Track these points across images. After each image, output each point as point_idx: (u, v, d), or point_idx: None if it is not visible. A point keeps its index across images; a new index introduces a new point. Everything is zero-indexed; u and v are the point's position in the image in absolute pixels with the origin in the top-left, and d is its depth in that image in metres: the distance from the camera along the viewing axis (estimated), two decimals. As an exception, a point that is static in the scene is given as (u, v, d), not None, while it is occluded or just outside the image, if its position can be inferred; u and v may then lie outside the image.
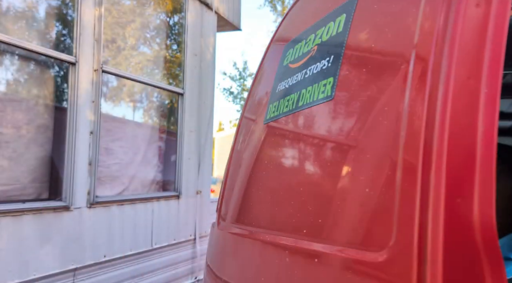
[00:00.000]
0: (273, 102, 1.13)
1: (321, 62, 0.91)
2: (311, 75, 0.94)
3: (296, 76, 1.03)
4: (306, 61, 1.00)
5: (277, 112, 1.07)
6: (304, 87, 0.95)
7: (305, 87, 0.95)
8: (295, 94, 1.00)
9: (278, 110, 1.06)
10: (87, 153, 2.97)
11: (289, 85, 1.05)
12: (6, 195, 2.58)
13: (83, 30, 2.97)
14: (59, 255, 2.73)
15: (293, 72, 1.06)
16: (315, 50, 0.97)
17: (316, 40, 0.98)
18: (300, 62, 1.04)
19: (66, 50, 2.97)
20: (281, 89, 1.10)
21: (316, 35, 0.98)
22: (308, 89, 0.93)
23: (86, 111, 2.98)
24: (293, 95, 1.01)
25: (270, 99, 1.16)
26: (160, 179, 3.98)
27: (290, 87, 1.04)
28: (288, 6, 16.16)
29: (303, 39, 1.07)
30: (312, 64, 0.95)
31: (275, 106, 1.10)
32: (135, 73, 3.80)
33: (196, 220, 4.15)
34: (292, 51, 1.12)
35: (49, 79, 2.96)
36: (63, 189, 2.83)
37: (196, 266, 4.16)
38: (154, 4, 4.00)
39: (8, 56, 2.74)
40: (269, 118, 1.13)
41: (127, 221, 3.32)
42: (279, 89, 1.11)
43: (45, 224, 2.65)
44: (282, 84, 1.10)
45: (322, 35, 0.95)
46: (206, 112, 4.39)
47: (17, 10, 2.75)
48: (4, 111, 2.63)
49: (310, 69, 0.95)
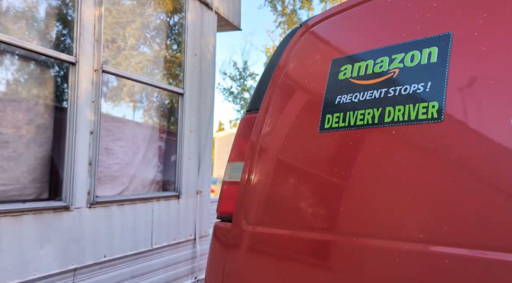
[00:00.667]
0: (332, 112, 1.21)
1: (412, 86, 1.05)
2: (399, 95, 1.07)
3: (370, 93, 1.13)
4: (384, 80, 1.12)
5: (345, 123, 1.16)
6: (390, 105, 1.08)
7: (391, 105, 1.07)
8: (374, 109, 1.11)
9: (346, 121, 1.16)
10: (87, 153, 2.97)
11: (358, 99, 1.16)
12: (6, 195, 2.58)
13: (83, 30, 2.97)
14: (59, 255, 2.73)
15: (362, 88, 1.16)
16: (396, 73, 1.10)
17: (395, 64, 1.11)
18: (374, 80, 1.14)
19: (66, 50, 2.97)
20: (344, 102, 1.19)
21: (393, 59, 1.12)
22: (399, 107, 1.05)
23: (86, 111, 2.97)
24: (370, 110, 1.11)
25: (326, 110, 1.23)
26: (160, 179, 3.98)
27: (362, 102, 1.14)
28: (288, 6, 16.14)
29: (370, 59, 1.17)
30: (397, 85, 1.08)
31: (338, 117, 1.19)
32: (135, 73, 3.80)
33: (196, 220, 4.15)
34: (351, 68, 1.21)
35: (49, 79, 2.96)
36: (63, 189, 2.83)
37: (196, 266, 4.16)
38: (154, 4, 4.00)
39: (8, 56, 2.74)
40: (331, 128, 1.20)
41: (127, 221, 3.32)
42: (341, 102, 1.20)
43: (45, 224, 2.65)
44: (345, 98, 1.19)
45: (404, 61, 1.09)
46: (206, 112, 4.39)
47: (17, 10, 2.75)
48: (4, 111, 2.63)
49: (394, 90, 1.08)
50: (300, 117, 1.34)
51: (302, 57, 1.44)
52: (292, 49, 1.48)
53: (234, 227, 1.48)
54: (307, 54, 1.43)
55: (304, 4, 15.79)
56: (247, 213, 1.44)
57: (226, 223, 1.57)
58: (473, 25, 1.02)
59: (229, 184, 1.65)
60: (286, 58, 1.49)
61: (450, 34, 1.04)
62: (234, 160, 1.66)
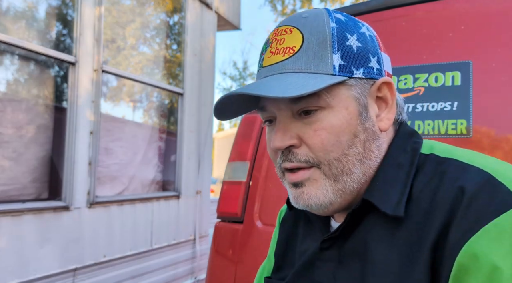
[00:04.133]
0: None
1: (439, 103, 1.22)
2: (427, 111, 1.23)
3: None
4: (411, 97, 1.27)
5: None
6: (419, 119, 1.24)
7: (421, 120, 1.23)
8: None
9: None
10: (87, 153, 2.97)
11: None
12: (6, 195, 2.58)
13: (83, 30, 2.96)
14: (59, 255, 2.73)
15: None
16: (422, 91, 1.26)
17: (420, 82, 1.27)
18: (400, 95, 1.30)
19: (66, 50, 2.97)
20: None
21: (417, 78, 1.28)
22: (428, 122, 1.22)
23: (86, 111, 2.97)
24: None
25: None
26: (160, 179, 3.98)
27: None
28: (288, 6, 16.16)
29: (393, 75, 1.32)
30: (424, 101, 1.24)
31: None
32: (135, 73, 3.80)
33: (196, 220, 4.15)
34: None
35: (49, 79, 2.96)
36: (63, 189, 2.83)
37: (196, 266, 4.16)
38: (154, 4, 4.00)
39: (8, 56, 2.74)
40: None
41: (127, 221, 3.32)
42: None
43: (45, 224, 2.65)
44: None
45: (429, 80, 1.26)
46: (206, 112, 4.39)
47: (17, 10, 2.75)
48: (4, 111, 2.63)
49: (422, 106, 1.24)
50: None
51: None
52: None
53: (246, 227, 1.49)
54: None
55: (304, 4, 15.80)
56: (262, 214, 1.47)
57: (233, 224, 1.57)
58: (489, 56, 1.21)
59: (229, 184, 1.65)
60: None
61: (470, 62, 1.22)
62: (234, 160, 1.66)
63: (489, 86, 1.18)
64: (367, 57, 0.64)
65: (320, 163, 0.63)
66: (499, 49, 1.18)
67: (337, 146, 0.62)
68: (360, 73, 0.63)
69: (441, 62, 1.26)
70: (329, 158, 0.62)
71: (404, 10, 1.39)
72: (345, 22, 0.65)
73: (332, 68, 0.62)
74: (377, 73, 0.66)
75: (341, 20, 0.65)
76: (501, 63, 1.17)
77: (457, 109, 1.18)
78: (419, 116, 1.25)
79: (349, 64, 0.63)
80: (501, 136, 1.14)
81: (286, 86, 0.60)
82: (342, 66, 0.62)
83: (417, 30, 1.35)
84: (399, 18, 1.40)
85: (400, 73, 1.32)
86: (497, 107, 1.16)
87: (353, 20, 0.67)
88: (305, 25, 0.64)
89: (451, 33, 1.28)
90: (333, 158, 0.62)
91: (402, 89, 1.31)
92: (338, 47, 0.62)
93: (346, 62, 0.62)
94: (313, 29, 0.64)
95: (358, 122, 0.63)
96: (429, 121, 1.22)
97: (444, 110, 1.20)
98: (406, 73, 1.31)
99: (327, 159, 0.62)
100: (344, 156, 0.63)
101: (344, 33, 0.64)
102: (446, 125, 1.19)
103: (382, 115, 0.67)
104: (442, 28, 1.30)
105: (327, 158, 0.62)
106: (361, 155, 0.64)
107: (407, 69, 1.32)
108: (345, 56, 0.63)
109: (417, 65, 1.30)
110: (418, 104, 1.26)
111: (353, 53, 0.63)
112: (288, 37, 0.65)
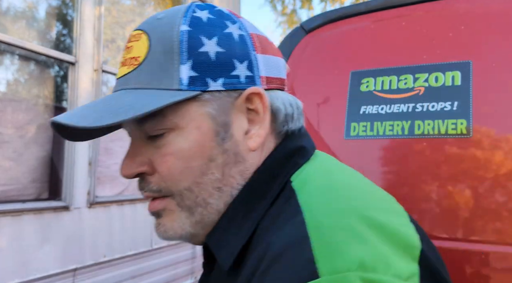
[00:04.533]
0: (357, 121, 1.33)
1: (439, 103, 1.22)
2: (427, 111, 1.23)
3: (397, 106, 1.29)
4: (411, 96, 1.27)
5: (373, 132, 1.28)
6: (419, 119, 1.24)
7: (421, 120, 1.23)
8: (403, 122, 1.26)
9: (374, 131, 1.28)
10: (86, 153, 2.97)
11: (385, 111, 1.29)
12: (6, 195, 2.58)
13: (83, 30, 2.96)
14: (59, 255, 2.73)
15: (388, 101, 1.30)
16: (422, 91, 1.26)
17: (420, 82, 1.27)
18: (400, 95, 1.29)
19: (66, 50, 2.97)
20: (370, 113, 1.31)
21: (416, 78, 1.28)
22: (428, 122, 1.22)
23: (86, 111, 2.97)
24: (398, 122, 1.26)
25: (350, 119, 1.35)
26: (160, 179, 3.98)
27: (390, 114, 1.28)
28: (288, 6, 16.13)
29: (393, 75, 1.32)
30: (424, 101, 1.24)
31: (365, 126, 1.31)
32: (135, 73, 3.79)
33: (196, 220, 4.16)
34: (374, 81, 1.34)
35: (49, 79, 2.96)
36: (63, 189, 2.83)
37: (196, 266, 4.17)
38: (154, 4, 4.01)
39: (8, 56, 2.74)
40: (357, 136, 1.32)
41: (127, 221, 3.32)
42: (366, 112, 1.32)
43: (45, 224, 2.65)
44: (370, 108, 1.31)
45: (429, 80, 1.26)
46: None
47: (17, 10, 2.75)
48: (4, 111, 2.63)
49: (422, 106, 1.24)
50: (320, 123, 1.45)
51: (313, 64, 1.51)
52: (301, 55, 1.52)
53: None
54: (319, 62, 1.51)
55: (304, 4, 15.80)
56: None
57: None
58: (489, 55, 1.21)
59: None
60: (293, 64, 1.51)
61: (470, 62, 1.23)
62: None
63: (489, 86, 1.19)
64: (230, 64, 0.53)
65: (172, 193, 0.54)
66: (499, 49, 1.19)
67: (186, 173, 0.53)
68: (218, 85, 0.53)
69: (441, 62, 1.27)
70: (179, 188, 0.54)
71: (404, 10, 1.39)
72: (205, 23, 0.54)
73: (179, 82, 0.51)
74: (246, 82, 0.54)
75: (200, 20, 0.54)
76: (501, 63, 1.18)
77: (457, 109, 1.20)
78: (419, 116, 1.26)
79: (202, 75, 0.52)
80: (501, 136, 1.14)
81: (111, 110, 0.50)
82: (193, 78, 0.52)
83: (417, 30, 1.35)
84: (399, 18, 1.40)
85: (400, 73, 1.33)
86: (497, 107, 1.17)
87: (221, 18, 0.56)
88: (155, 30, 0.54)
89: (451, 33, 1.28)
90: (183, 188, 0.53)
91: (402, 89, 1.32)
92: (188, 56, 0.52)
93: (199, 73, 0.52)
94: (161, 34, 0.53)
95: (213, 144, 0.53)
96: (429, 121, 1.23)
97: (444, 110, 1.22)
98: (406, 73, 1.32)
99: (178, 189, 0.54)
100: (196, 185, 0.53)
101: (198, 37, 0.52)
102: (446, 125, 1.20)
103: (252, 132, 0.56)
104: (442, 28, 1.31)
105: (177, 187, 0.54)
106: (219, 182, 0.54)
107: (407, 69, 1.33)
108: (197, 66, 0.52)
109: (417, 65, 1.31)
110: (418, 104, 1.27)
111: (208, 62, 0.52)
112: (135, 45, 0.55)
